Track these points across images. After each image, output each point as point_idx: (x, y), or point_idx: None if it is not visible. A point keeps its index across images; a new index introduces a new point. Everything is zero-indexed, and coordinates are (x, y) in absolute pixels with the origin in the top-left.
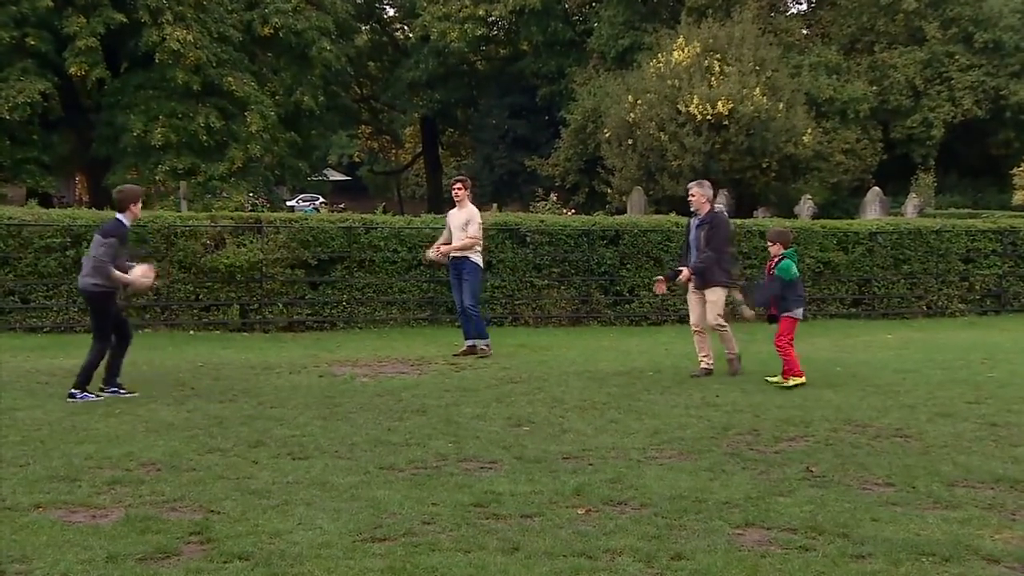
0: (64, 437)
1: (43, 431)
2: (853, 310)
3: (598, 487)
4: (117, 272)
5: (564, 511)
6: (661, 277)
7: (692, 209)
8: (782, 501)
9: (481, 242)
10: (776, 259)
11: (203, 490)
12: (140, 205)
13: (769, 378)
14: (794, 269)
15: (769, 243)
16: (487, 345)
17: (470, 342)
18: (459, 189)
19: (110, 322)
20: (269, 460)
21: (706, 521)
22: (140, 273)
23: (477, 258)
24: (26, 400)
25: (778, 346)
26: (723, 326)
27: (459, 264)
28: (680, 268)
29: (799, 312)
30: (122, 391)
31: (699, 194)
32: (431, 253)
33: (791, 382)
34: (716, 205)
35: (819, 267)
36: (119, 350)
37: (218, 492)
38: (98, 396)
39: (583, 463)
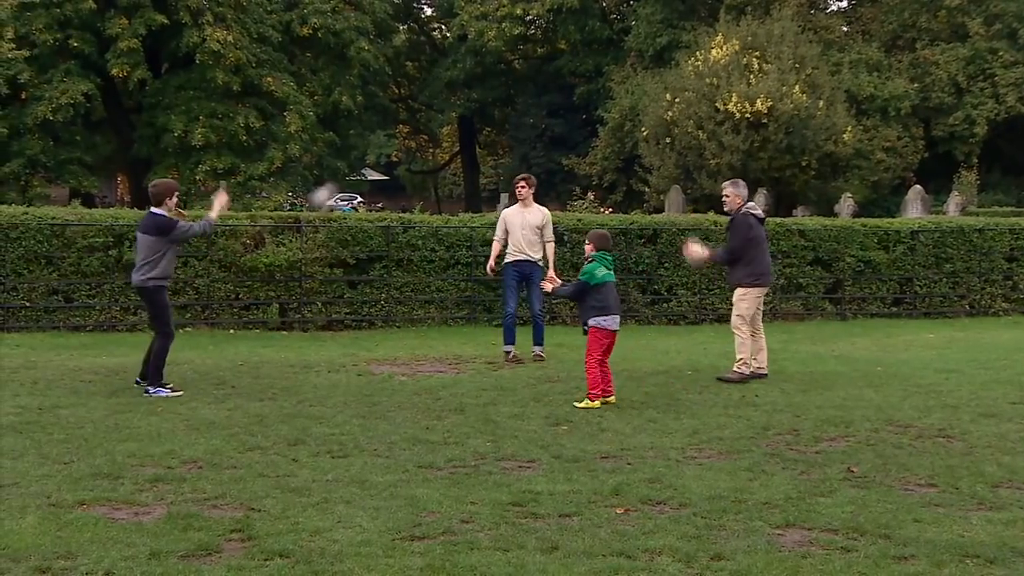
0: (107, 435)
1: (86, 429)
2: (894, 309)
3: (637, 487)
4: (210, 217)
5: (603, 510)
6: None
7: (726, 209)
8: (823, 502)
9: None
10: (587, 260)
11: (244, 488)
12: (176, 199)
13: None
14: (599, 273)
15: (586, 243)
16: (543, 352)
17: (511, 347)
18: (523, 187)
19: (169, 312)
20: (309, 458)
21: (746, 521)
22: (221, 202)
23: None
24: (69, 398)
25: (586, 361)
26: (742, 331)
27: (527, 266)
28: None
29: (605, 322)
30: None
31: (733, 194)
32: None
33: (582, 404)
34: (748, 203)
35: (860, 266)
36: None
37: (258, 490)
38: (173, 391)
39: (621, 462)
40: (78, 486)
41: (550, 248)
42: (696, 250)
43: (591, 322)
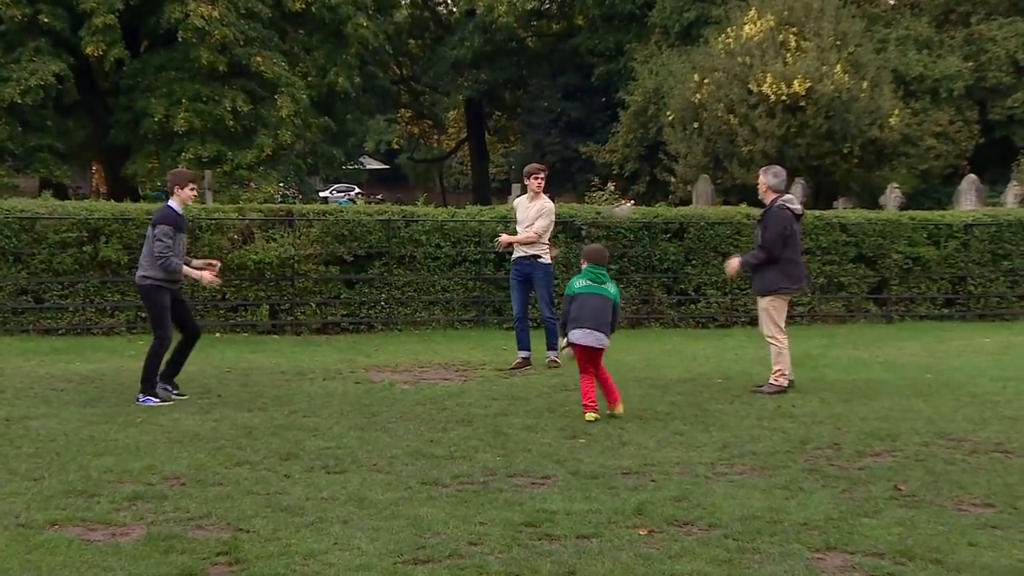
0: (81, 448)
1: (59, 442)
2: (946, 311)
3: (661, 506)
4: (186, 267)
5: (624, 532)
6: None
7: (759, 198)
8: (867, 523)
9: (547, 241)
10: None
11: (231, 506)
12: (191, 189)
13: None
14: (576, 285)
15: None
16: (558, 357)
17: (524, 353)
18: (540, 178)
19: (166, 315)
20: (302, 474)
21: (782, 544)
22: (208, 278)
23: (548, 259)
24: (40, 408)
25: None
26: (779, 340)
27: (527, 265)
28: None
29: (572, 336)
30: (174, 392)
31: (762, 182)
32: (504, 238)
33: (588, 416)
34: (785, 195)
35: (907, 263)
36: (184, 347)
37: (247, 509)
38: (164, 401)
39: (645, 479)
40: (49, 504)
41: (525, 234)
42: (732, 263)
43: (568, 337)
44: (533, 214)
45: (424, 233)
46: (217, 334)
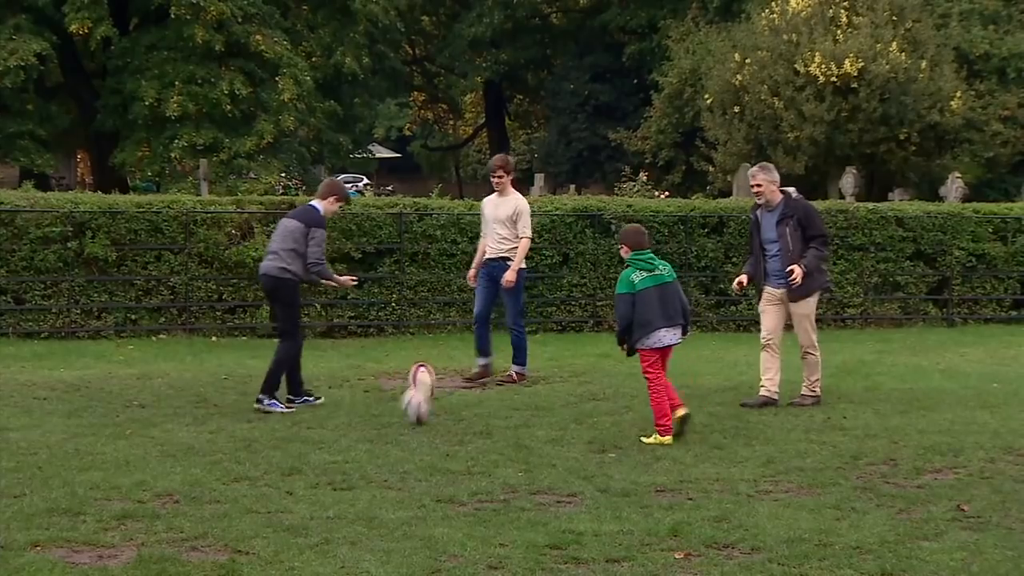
0: (66, 463)
1: (41, 455)
2: (1014, 313)
3: (699, 526)
4: (336, 276)
5: (658, 555)
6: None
7: (760, 201)
8: (926, 547)
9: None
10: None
11: (229, 526)
12: (340, 205)
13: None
14: (636, 279)
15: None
16: (525, 371)
17: (483, 360)
18: (500, 177)
19: (299, 316)
20: (306, 491)
21: (832, 570)
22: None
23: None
24: (21, 419)
25: (648, 390)
26: (818, 349)
27: (496, 267)
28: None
29: (648, 340)
30: (311, 398)
31: (767, 180)
32: (473, 275)
33: (650, 439)
34: (789, 188)
35: (971, 261)
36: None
37: (246, 528)
38: (288, 408)
39: (681, 497)
40: (31, 524)
41: (522, 244)
42: (798, 272)
43: (637, 344)
44: (505, 214)
45: (439, 228)
46: (213, 338)
